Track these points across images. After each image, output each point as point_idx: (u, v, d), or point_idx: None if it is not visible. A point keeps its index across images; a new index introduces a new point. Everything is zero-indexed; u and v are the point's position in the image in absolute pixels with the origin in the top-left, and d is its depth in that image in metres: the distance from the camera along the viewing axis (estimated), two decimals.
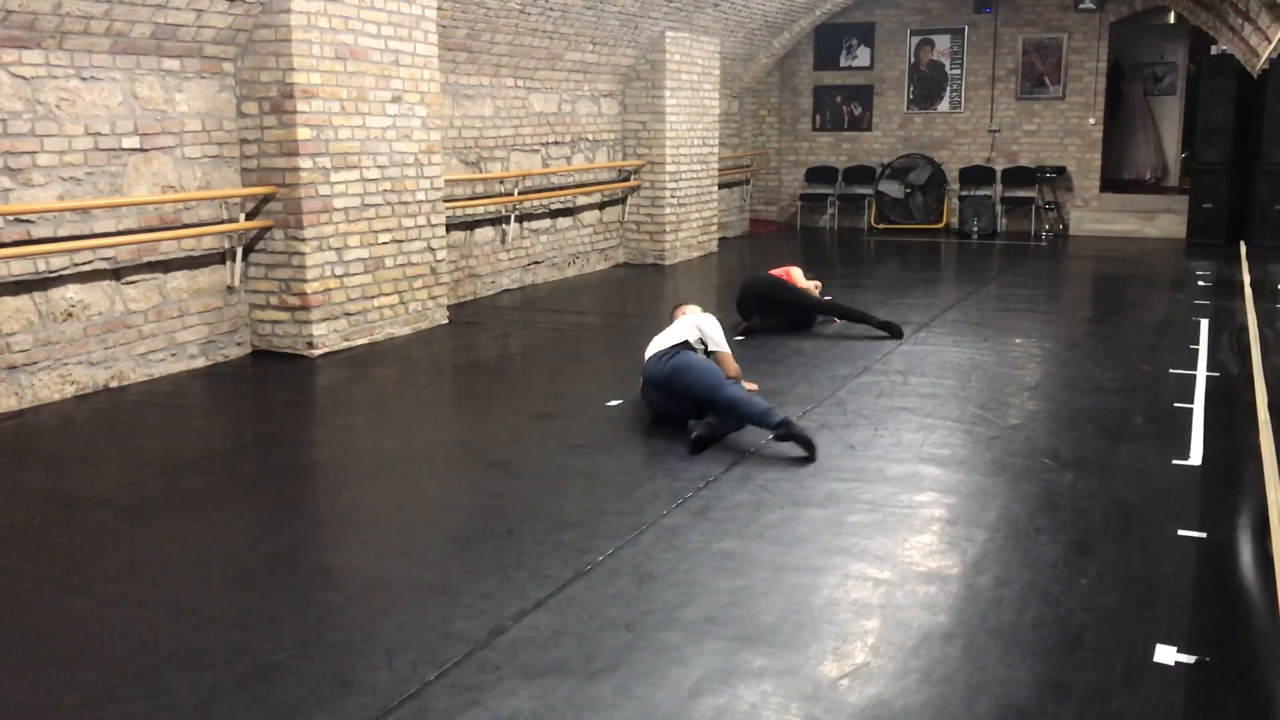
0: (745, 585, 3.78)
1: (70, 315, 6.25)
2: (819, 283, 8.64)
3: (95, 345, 6.40)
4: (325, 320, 7.42)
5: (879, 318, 8.10)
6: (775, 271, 8.56)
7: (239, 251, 7.25)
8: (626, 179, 12.02)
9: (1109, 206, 14.81)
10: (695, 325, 6.03)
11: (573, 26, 10.09)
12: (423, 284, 8.31)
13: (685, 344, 5.82)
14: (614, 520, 4.41)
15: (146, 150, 6.60)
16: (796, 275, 8.48)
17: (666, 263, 12.08)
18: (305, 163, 7.14)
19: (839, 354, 7.41)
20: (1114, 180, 15.54)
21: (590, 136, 11.36)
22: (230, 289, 7.28)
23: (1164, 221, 14.39)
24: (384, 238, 7.86)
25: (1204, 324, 8.37)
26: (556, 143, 10.77)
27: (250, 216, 7.23)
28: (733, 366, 6.00)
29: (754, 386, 6.22)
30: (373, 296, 7.81)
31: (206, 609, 3.66)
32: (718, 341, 6.03)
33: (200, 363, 7.09)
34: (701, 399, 5.47)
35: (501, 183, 9.96)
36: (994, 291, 10.31)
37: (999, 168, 15.04)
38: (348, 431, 5.92)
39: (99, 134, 6.30)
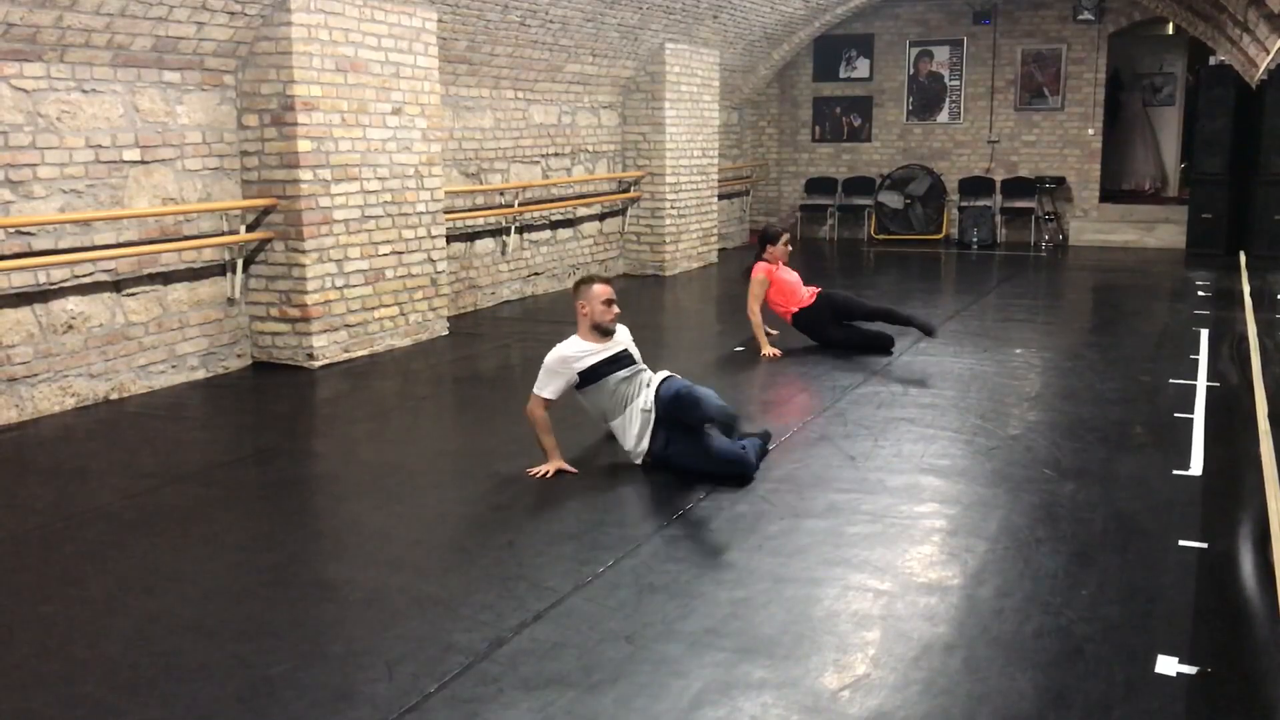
0: (745, 597, 3.78)
1: (71, 327, 6.25)
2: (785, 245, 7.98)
3: (95, 357, 6.41)
4: (325, 332, 7.42)
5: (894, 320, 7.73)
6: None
7: (239, 263, 7.25)
8: (626, 190, 12.03)
9: (1108, 217, 14.82)
10: (628, 337, 5.41)
11: (572, 39, 10.11)
12: (423, 295, 8.31)
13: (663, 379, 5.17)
14: (614, 532, 4.41)
15: (147, 163, 6.61)
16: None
17: (666, 274, 12.08)
18: (306, 175, 7.15)
19: (839, 364, 7.41)
20: (1113, 190, 15.56)
21: (590, 148, 11.38)
22: (230, 301, 7.28)
23: (1163, 232, 14.39)
24: (384, 249, 7.87)
25: (1204, 334, 8.37)
26: (556, 154, 10.79)
27: (251, 228, 7.24)
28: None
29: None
30: (373, 308, 7.82)
31: (206, 622, 3.66)
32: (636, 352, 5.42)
33: (200, 374, 7.09)
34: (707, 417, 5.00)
35: (502, 194, 9.97)
36: (994, 302, 10.31)
37: (998, 178, 15.05)
38: (348, 443, 5.92)
39: (100, 146, 6.31)
